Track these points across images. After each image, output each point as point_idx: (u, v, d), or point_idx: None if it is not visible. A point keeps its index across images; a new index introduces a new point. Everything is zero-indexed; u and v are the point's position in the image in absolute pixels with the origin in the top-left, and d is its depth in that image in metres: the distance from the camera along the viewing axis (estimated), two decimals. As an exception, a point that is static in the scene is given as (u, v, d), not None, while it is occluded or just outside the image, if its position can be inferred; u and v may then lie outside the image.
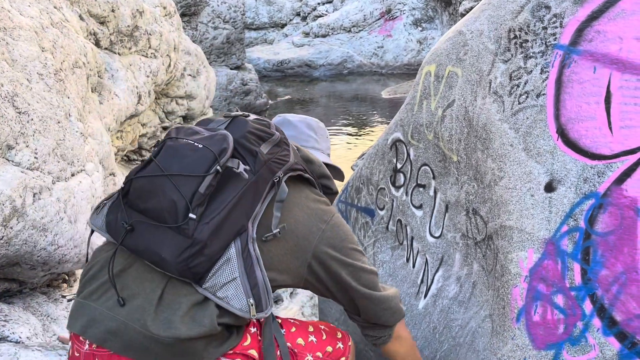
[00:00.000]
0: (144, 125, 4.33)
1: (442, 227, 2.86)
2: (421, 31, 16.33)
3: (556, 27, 2.22)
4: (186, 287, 1.40)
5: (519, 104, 2.29)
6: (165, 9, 4.34)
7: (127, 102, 3.35)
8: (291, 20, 19.75)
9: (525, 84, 2.28)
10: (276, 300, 4.15)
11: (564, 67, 2.16)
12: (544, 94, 2.20)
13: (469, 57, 2.65)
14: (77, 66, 2.27)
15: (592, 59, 2.10)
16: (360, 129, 9.08)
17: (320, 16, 18.47)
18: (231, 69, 10.32)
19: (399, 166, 3.23)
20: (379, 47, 15.50)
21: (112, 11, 3.29)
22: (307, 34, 17.55)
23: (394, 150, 3.26)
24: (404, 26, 16.29)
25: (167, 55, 4.15)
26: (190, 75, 4.83)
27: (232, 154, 1.41)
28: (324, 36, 17.04)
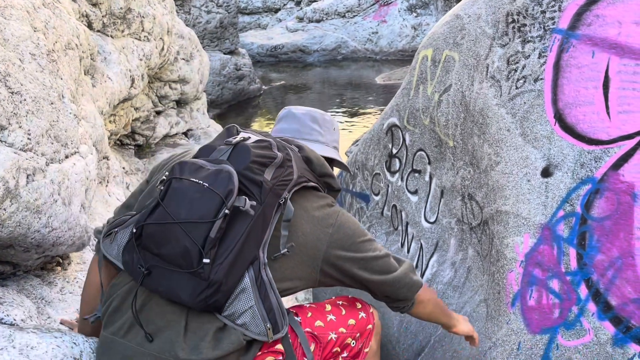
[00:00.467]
0: (137, 109, 4.29)
1: (437, 213, 2.86)
2: (416, 17, 16.26)
3: (555, 11, 2.20)
4: (207, 315, 1.46)
5: (517, 88, 2.27)
6: (158, -9, 4.29)
7: (120, 86, 3.32)
8: (285, 4, 19.60)
9: (522, 68, 2.27)
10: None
11: (562, 51, 2.14)
12: (541, 79, 2.19)
13: (466, 42, 2.63)
14: (69, 47, 2.23)
15: (590, 43, 2.08)
16: (354, 115, 9.05)
17: (314, 1, 18.34)
18: (224, 54, 10.24)
19: (394, 151, 3.22)
20: (373, 33, 15.43)
21: (105, -8, 3.24)
22: (301, 19, 17.44)
23: (390, 135, 3.25)
24: (399, 12, 16.21)
25: (161, 38, 4.10)
26: (183, 59, 4.79)
27: (238, 189, 1.41)
28: (318, 21, 16.94)
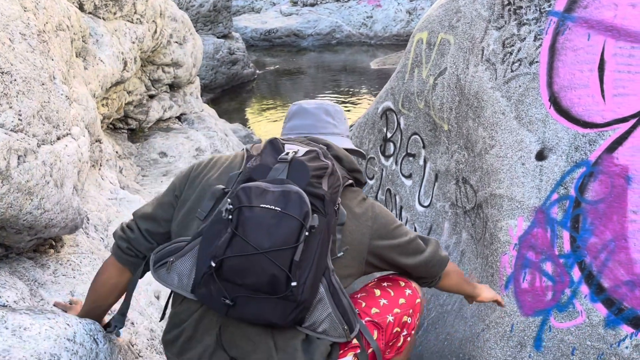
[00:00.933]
0: (130, 93, 4.25)
1: (432, 197, 2.86)
2: (411, 1, 16.15)
3: (551, -6, 2.19)
4: (290, 330, 1.49)
5: (512, 71, 2.26)
6: (150, -27, 4.23)
7: (112, 69, 3.28)
8: (279, -11, 19.41)
9: (518, 51, 2.26)
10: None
11: (558, 34, 2.13)
12: (537, 62, 2.18)
13: (461, 24, 2.61)
14: (60, 29, 2.20)
15: (586, 25, 2.07)
16: (348, 100, 9.02)
17: (308, -15, 18.16)
18: (218, 38, 10.16)
19: (389, 135, 3.21)
20: (368, 17, 15.34)
21: (96, -27, 3.20)
22: (295, 3, 17.30)
23: (384, 119, 3.24)
24: (393, -4, 16.09)
25: (153, 21, 4.05)
26: (176, 42, 4.74)
27: None
28: (312, 5, 16.80)
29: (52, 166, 1.50)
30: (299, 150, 1.55)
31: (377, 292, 1.74)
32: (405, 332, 1.73)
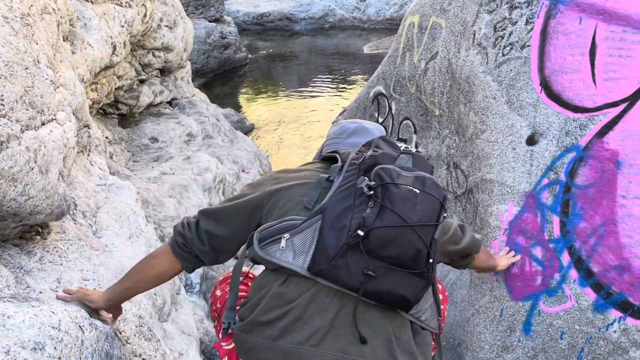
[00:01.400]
0: (120, 77, 4.20)
1: (423, 182, 2.86)
2: (404, -15, 16.00)
3: (543, -24, 2.17)
4: (399, 317, 1.51)
5: (503, 55, 2.25)
6: (139, -45, 4.16)
7: (101, 53, 3.24)
8: (271, -28, 19.18)
9: (509, 35, 2.24)
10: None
11: (550, 17, 2.11)
12: (528, 46, 2.17)
13: (453, 8, 2.59)
14: (46, 12, 2.16)
15: (578, 9, 2.05)
16: (341, 85, 8.98)
17: (301, -32, 17.95)
18: (210, 22, 10.04)
19: (380, 120, 3.19)
20: (361, 1, 15.20)
21: (83, -45, 3.14)
22: (287, -13, 17.08)
23: (376, 104, 3.22)
24: (387, -20, 15.93)
25: (143, 4, 3.99)
26: (167, 26, 4.68)
27: None
28: (305, -11, 16.62)
29: (37, 152, 1.48)
30: (410, 144, 1.64)
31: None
32: (443, 322, 1.82)
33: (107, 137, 3.84)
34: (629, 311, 1.85)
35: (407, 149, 1.62)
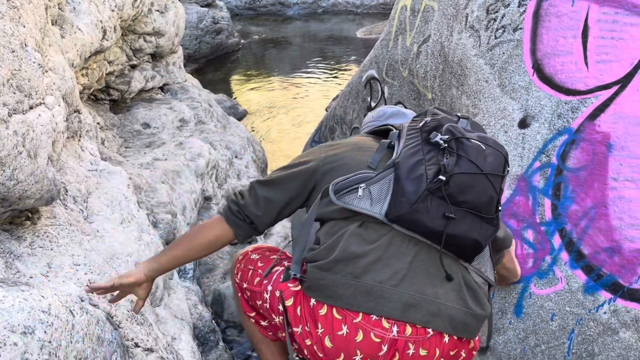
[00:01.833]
0: (110, 62, 4.16)
1: (416, 166, 2.85)
2: (398, -31, 15.85)
3: (535, -42, 2.15)
4: (461, 267, 1.61)
5: (495, 38, 2.24)
6: (129, -62, 4.11)
7: (91, 37, 3.20)
8: (264, -44, 18.99)
9: (502, 17, 2.23)
10: (250, 241, 4.15)
11: (542, -1, 2.10)
12: (521, 28, 2.16)
13: (445, -10, 2.57)
14: (33, -5, 2.13)
15: (570, -9, 2.04)
16: (334, 70, 8.94)
17: (294, -48, 17.78)
18: (202, 7, 9.94)
19: (373, 104, 3.18)
20: (354, -14, 15.08)
21: (71, -62, 3.09)
22: (280, -29, 16.93)
23: (368, 88, 3.20)
24: (381, -36, 15.80)
25: (133, -12, 3.95)
26: (158, 10, 4.63)
27: None
28: (298, -26, 16.47)
29: (25, 136, 1.47)
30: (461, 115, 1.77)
31: None
32: None
33: (98, 123, 3.82)
34: (619, 292, 1.86)
35: (464, 115, 1.74)
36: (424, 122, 1.70)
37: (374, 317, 1.52)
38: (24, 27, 1.76)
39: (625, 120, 1.93)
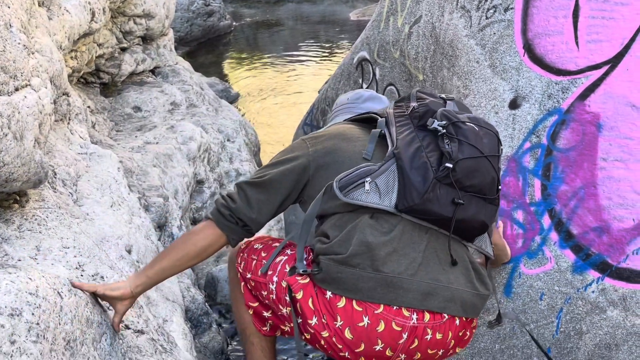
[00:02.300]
0: (100, 45, 4.12)
1: (407, 148, 2.85)
2: (391, -49, 15.69)
3: (527, -63, 2.13)
4: (465, 249, 1.67)
5: (487, 18, 2.22)
6: None
7: (79, 19, 3.16)
8: (256, -63, 18.74)
9: (493, -3, 2.21)
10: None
11: (533, -21, 2.09)
12: (512, 8, 2.14)
13: (437, -30, 2.54)
14: (19, -25, 2.10)
15: (562, -30, 2.03)
16: (327, 53, 8.88)
17: None
18: (193, -11, 9.85)
19: (364, 86, 3.17)
20: (347, -33, 14.91)
21: None
22: (273, -47, 16.72)
23: (360, 69, 3.19)
24: (374, -55, 15.61)
25: (122, -30, 3.90)
26: (148, -8, 4.58)
27: None
28: (291, -45, 16.26)
29: (10, 118, 1.45)
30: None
31: None
32: None
33: (89, 107, 3.78)
34: (607, 272, 1.87)
35: (448, 96, 1.76)
36: (411, 107, 1.70)
37: (395, 307, 1.55)
38: (9, 7, 1.74)
39: (615, 100, 1.93)
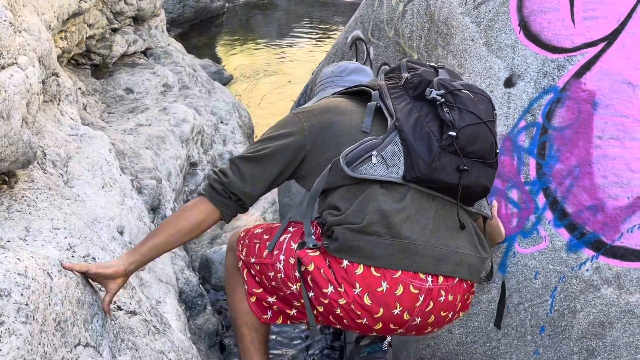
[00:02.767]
0: (90, 26, 4.06)
1: (402, 128, 2.83)
2: None
3: None
4: (467, 213, 1.72)
5: (482, -5, 2.19)
6: None
7: (68, -1, 3.11)
8: None
9: (488, -26, 2.18)
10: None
11: (529, -46, 2.05)
12: (507, -15, 2.11)
13: (431, -53, 2.50)
14: (4, -48, 2.05)
15: (558, -55, 2.00)
16: (321, 34, 8.80)
17: None
18: (185, -30, 9.71)
19: (358, 66, 3.13)
20: (341, -52, 14.75)
21: None
22: None
23: (354, 49, 3.15)
24: None
25: (112, -52, 3.83)
26: (139, -28, 4.51)
27: None
28: None
29: (-4, 97, 1.42)
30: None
31: None
32: None
33: (80, 89, 3.74)
34: (602, 250, 1.87)
35: (439, 64, 1.79)
36: (405, 78, 1.71)
37: (412, 271, 1.60)
38: (-6, -16, 1.70)
39: (610, 77, 1.91)
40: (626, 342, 1.86)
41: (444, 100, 1.60)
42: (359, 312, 1.61)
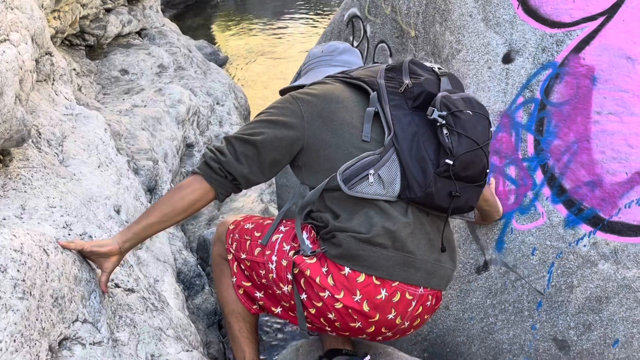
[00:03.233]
0: (84, 6, 4.01)
1: (399, 107, 2.81)
2: None
3: None
4: (449, 225, 1.75)
5: (480, -30, 2.16)
6: None
7: (61, -23, 3.07)
8: None
9: (487, -52, 2.15)
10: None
11: None
12: (505, -41, 2.08)
13: None
14: None
15: None
16: (317, 15, 8.73)
17: None
18: (179, -50, 9.59)
19: (355, 44, 3.10)
20: None
21: None
22: None
23: (350, 27, 3.12)
24: None
25: None
26: (132, -49, 4.45)
27: None
28: None
29: (-11, 73, 1.40)
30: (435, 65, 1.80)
31: None
32: None
33: (74, 69, 3.70)
34: (599, 225, 1.87)
35: (441, 69, 1.76)
36: (405, 86, 1.69)
37: (408, 283, 1.65)
38: (-17, -41, 1.67)
39: (610, 52, 1.89)
40: (623, 316, 1.86)
41: (444, 122, 1.60)
42: (355, 317, 1.64)
